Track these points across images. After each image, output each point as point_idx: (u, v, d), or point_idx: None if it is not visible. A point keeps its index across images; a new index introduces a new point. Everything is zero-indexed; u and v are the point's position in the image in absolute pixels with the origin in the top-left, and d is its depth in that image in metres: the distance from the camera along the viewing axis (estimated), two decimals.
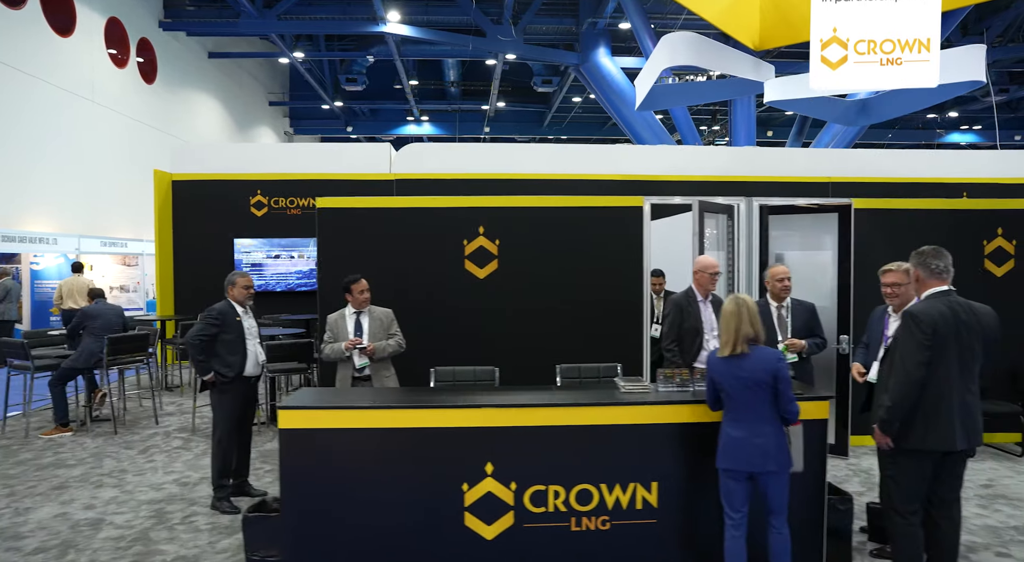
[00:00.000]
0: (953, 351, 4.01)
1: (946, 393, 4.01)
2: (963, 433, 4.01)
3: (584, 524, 4.45)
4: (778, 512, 4.04)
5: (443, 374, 6.04)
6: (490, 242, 7.29)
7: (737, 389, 4.00)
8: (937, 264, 4.17)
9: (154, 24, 20.93)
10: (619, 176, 12.16)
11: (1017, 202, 7.86)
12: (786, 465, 4.01)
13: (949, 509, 4.19)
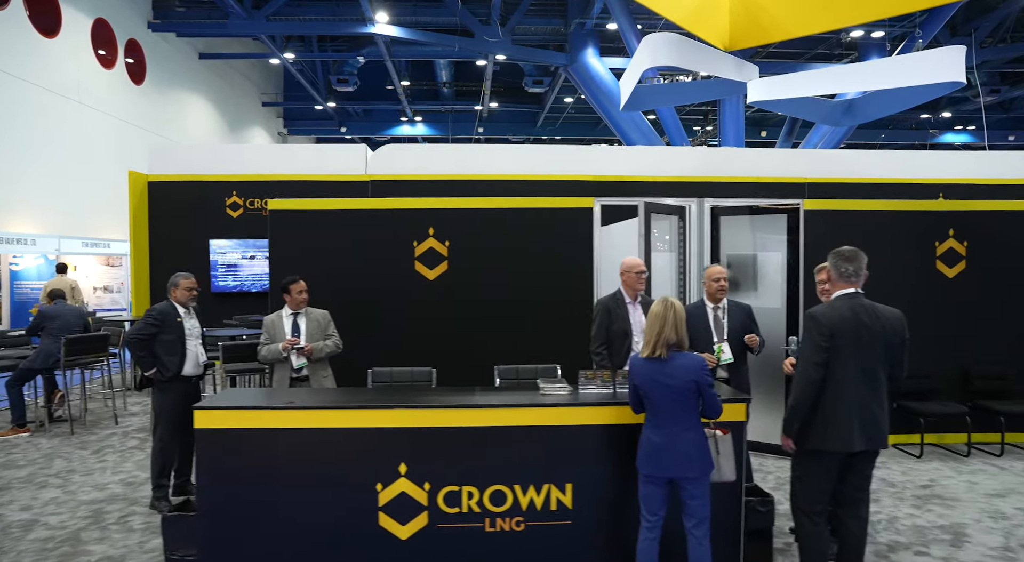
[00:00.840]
0: (852, 353, 4.03)
1: (844, 395, 4.04)
2: (862, 435, 4.03)
3: (498, 525, 4.48)
4: (700, 521, 4.02)
5: (380, 375, 6.09)
6: (440, 244, 7.33)
7: (659, 394, 3.99)
8: (847, 267, 4.20)
9: (143, 25, 20.97)
10: (595, 177, 12.14)
11: (969, 203, 7.89)
12: (707, 470, 4.01)
13: (855, 508, 4.22)
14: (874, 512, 5.61)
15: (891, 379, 4.21)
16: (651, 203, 6.90)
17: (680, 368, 3.97)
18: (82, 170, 17.29)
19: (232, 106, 27.31)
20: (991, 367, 7.61)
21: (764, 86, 13.75)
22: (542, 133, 33.71)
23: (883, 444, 4.14)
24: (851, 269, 4.19)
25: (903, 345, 4.17)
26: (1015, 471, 6.76)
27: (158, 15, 21.42)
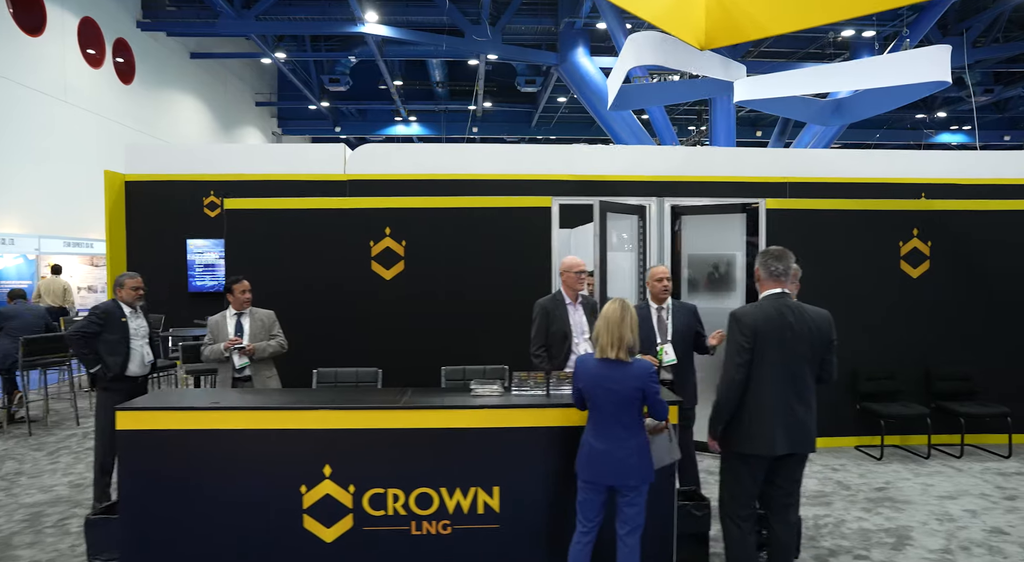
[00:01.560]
0: (775, 354, 3.95)
1: (767, 397, 3.95)
2: (786, 438, 3.95)
3: (425, 528, 4.43)
4: (634, 529, 3.95)
5: (325, 375, 6.05)
6: (396, 243, 7.28)
7: (603, 399, 3.89)
8: (776, 266, 4.12)
9: (132, 24, 20.96)
10: (574, 176, 12.05)
11: (932, 203, 7.81)
12: (647, 479, 3.93)
13: (784, 513, 4.14)
14: (823, 515, 5.57)
15: (819, 381, 4.13)
16: (607, 202, 6.84)
17: (627, 374, 3.87)
18: (68, 169, 17.28)
19: (225, 106, 27.31)
20: (955, 368, 7.52)
21: (750, 85, 13.69)
22: (537, 133, 33.65)
23: (809, 448, 4.06)
24: (780, 268, 4.12)
25: (830, 346, 4.10)
26: (972, 473, 6.69)
27: (147, 14, 21.42)
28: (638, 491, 3.90)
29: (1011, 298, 7.66)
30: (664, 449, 4.12)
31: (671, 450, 4.18)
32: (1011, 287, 7.65)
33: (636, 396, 3.83)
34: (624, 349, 3.85)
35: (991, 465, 6.93)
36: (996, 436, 7.42)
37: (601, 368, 3.89)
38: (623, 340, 3.85)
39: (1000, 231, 7.67)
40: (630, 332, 3.87)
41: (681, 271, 7.46)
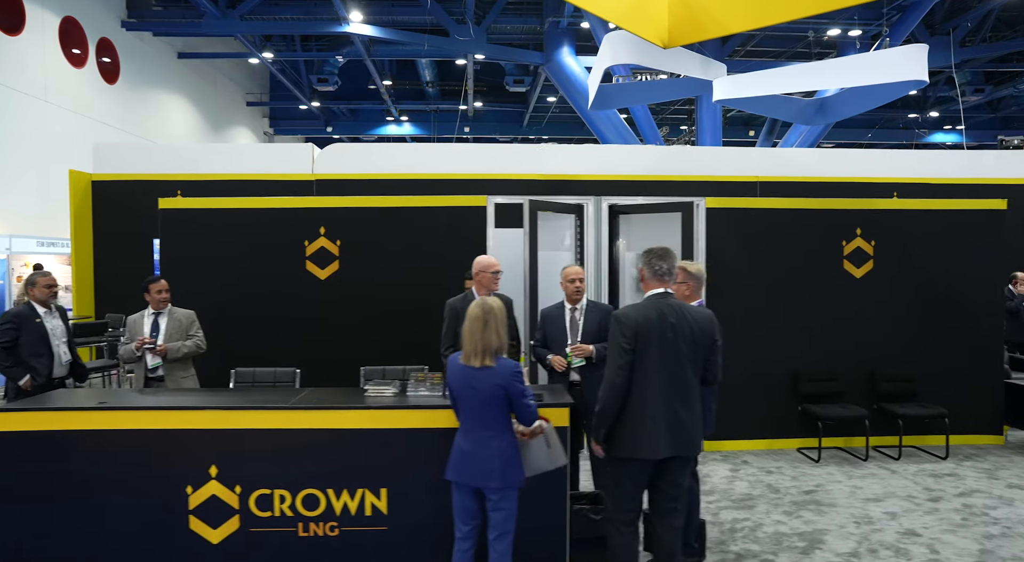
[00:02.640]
0: (656, 356, 3.86)
1: (650, 399, 3.86)
2: (669, 441, 3.86)
3: (312, 530, 4.39)
4: (502, 535, 3.86)
5: (243, 375, 6.00)
6: (331, 243, 7.24)
7: (469, 399, 3.83)
8: (660, 265, 4.04)
9: (116, 24, 20.96)
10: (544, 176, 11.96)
11: (876, 202, 7.73)
12: (513, 482, 3.84)
13: (668, 518, 4.05)
14: (742, 519, 5.51)
15: (704, 382, 4.06)
16: (537, 201, 6.77)
17: (491, 374, 3.79)
18: (49, 168, 17.27)
19: (214, 106, 27.29)
20: (898, 369, 7.43)
21: (729, 84, 13.63)
22: (529, 133, 33.58)
23: (692, 451, 3.99)
24: (665, 267, 4.04)
25: (714, 347, 4.03)
26: (905, 475, 6.61)
27: (132, 14, 21.42)
28: (503, 495, 3.82)
29: (954, 298, 7.58)
30: (541, 455, 4.02)
31: (551, 456, 4.06)
32: (954, 287, 7.57)
33: (499, 394, 3.76)
34: (489, 355, 3.78)
35: (927, 467, 6.86)
36: (939, 437, 7.32)
37: (466, 371, 3.83)
38: (487, 347, 3.77)
39: (943, 230, 7.59)
40: (495, 337, 3.79)
41: (621, 271, 7.38)
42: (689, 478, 4.64)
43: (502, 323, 3.83)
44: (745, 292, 7.41)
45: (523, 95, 29.44)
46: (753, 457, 7.16)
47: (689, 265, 4.83)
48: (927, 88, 27.96)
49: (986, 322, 7.62)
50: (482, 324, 3.77)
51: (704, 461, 7.02)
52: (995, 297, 7.66)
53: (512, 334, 5.69)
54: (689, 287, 4.79)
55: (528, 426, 3.88)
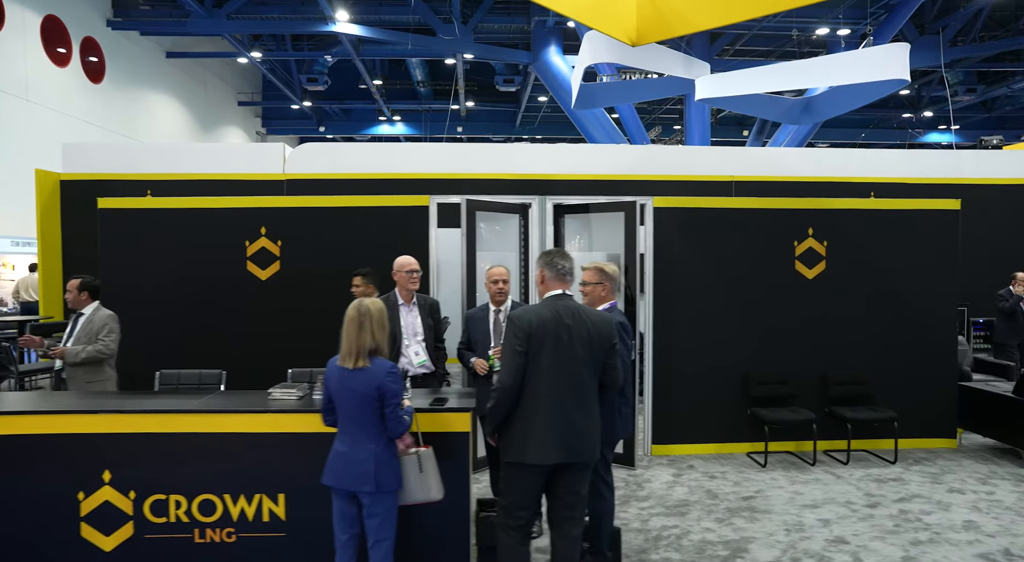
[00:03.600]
0: (551, 358, 3.78)
1: (542, 402, 3.77)
2: (562, 447, 3.76)
3: (208, 536, 4.29)
4: (378, 542, 3.79)
5: (167, 377, 5.91)
6: (272, 243, 7.15)
7: (347, 401, 3.75)
8: (562, 265, 3.97)
9: (101, 23, 20.91)
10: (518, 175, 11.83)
11: (827, 201, 7.60)
12: (388, 487, 3.76)
13: (564, 527, 3.94)
14: (671, 527, 5.40)
15: (603, 387, 3.96)
16: (474, 201, 6.66)
17: (367, 374, 3.73)
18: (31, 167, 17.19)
19: (204, 106, 27.24)
20: (850, 372, 7.31)
21: (712, 83, 13.50)
22: (523, 133, 33.48)
23: (587, 457, 3.87)
24: (568, 267, 3.97)
25: (612, 350, 3.92)
26: (850, 480, 6.48)
27: (118, 13, 21.37)
28: (378, 500, 3.73)
29: (908, 299, 7.45)
30: (414, 479, 3.88)
31: (423, 483, 3.90)
32: (908, 288, 7.44)
33: (374, 396, 3.69)
34: (363, 357, 3.73)
35: (873, 471, 6.72)
36: (891, 441, 7.19)
37: (343, 373, 3.75)
38: (361, 348, 3.74)
39: (897, 231, 7.45)
40: (370, 337, 3.74)
41: None
42: (602, 485, 4.56)
43: (379, 324, 3.76)
44: (695, 293, 7.29)
45: (515, 95, 29.35)
46: (700, 462, 7.04)
47: (605, 266, 4.71)
48: (921, 88, 27.81)
49: (940, 324, 7.49)
50: (357, 326, 3.73)
51: (649, 466, 6.91)
52: (950, 298, 7.51)
53: (437, 336, 5.61)
54: (605, 288, 4.67)
55: (395, 436, 3.77)
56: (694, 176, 12.25)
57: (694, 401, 7.27)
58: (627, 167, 12.26)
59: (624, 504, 5.88)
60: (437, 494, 4.01)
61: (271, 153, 12.67)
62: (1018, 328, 9.18)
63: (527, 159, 11.73)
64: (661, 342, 7.23)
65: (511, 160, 11.56)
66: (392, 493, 3.79)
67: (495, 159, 11.53)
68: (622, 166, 12.29)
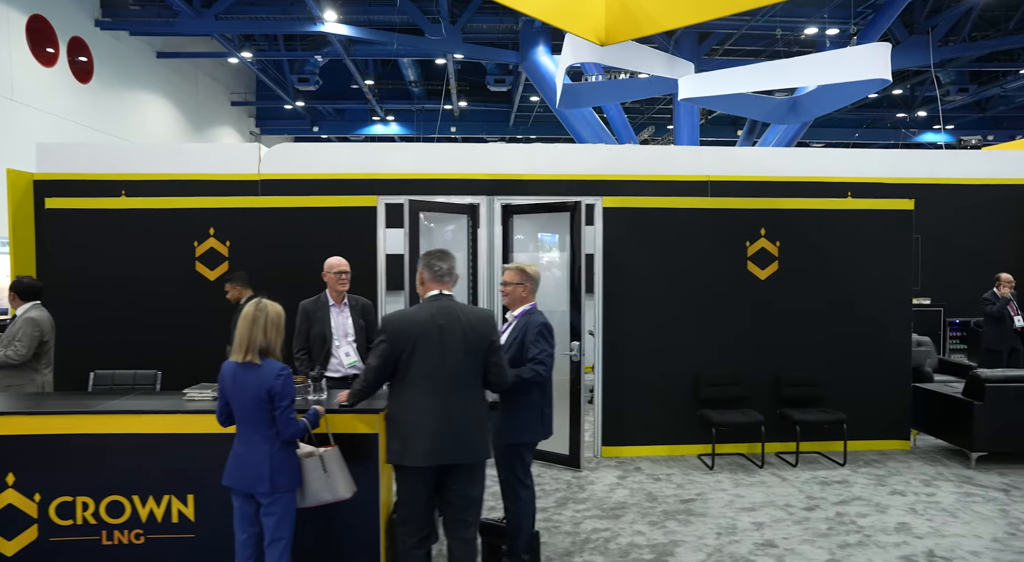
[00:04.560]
0: (425, 359, 3.77)
1: (415, 404, 3.77)
2: (435, 447, 3.74)
3: (116, 538, 4.27)
4: (274, 541, 3.77)
5: (102, 378, 5.90)
6: (220, 243, 7.13)
7: (240, 403, 3.75)
8: (440, 266, 3.94)
9: (89, 23, 20.92)
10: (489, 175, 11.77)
11: (779, 201, 7.55)
12: (284, 488, 3.75)
13: (459, 530, 3.92)
14: (602, 530, 5.37)
15: (488, 386, 3.92)
16: (417, 201, 6.63)
17: (258, 375, 3.72)
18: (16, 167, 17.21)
19: (196, 106, 27.25)
20: (803, 373, 7.26)
21: (695, 83, 13.44)
22: (517, 132, 33.44)
23: (469, 458, 3.82)
24: (445, 268, 3.94)
25: (491, 348, 3.88)
26: (795, 482, 6.43)
27: (107, 13, 21.38)
28: (274, 500, 3.72)
29: (862, 300, 7.40)
30: (318, 480, 3.88)
31: (329, 485, 3.91)
32: (862, 288, 7.39)
33: (265, 398, 3.68)
34: (253, 352, 3.71)
35: (820, 473, 6.67)
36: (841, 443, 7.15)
37: (238, 370, 3.74)
38: (252, 343, 3.72)
39: (851, 231, 7.41)
40: (262, 335, 3.72)
41: None
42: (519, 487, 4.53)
43: (273, 325, 3.75)
44: (646, 294, 7.26)
45: (508, 94, 29.32)
46: (649, 464, 7.00)
47: (526, 266, 4.69)
48: (914, 88, 27.68)
49: (894, 325, 7.43)
50: (251, 321, 3.73)
51: (596, 468, 6.87)
52: (903, 299, 7.45)
53: (369, 337, 5.58)
54: (526, 288, 4.64)
55: (286, 438, 3.74)
56: (669, 176, 12.15)
57: (645, 402, 7.23)
58: (599, 167, 12.19)
59: (561, 506, 5.85)
60: (345, 493, 4.01)
61: (246, 154, 12.61)
62: (1007, 333, 8.81)
63: (499, 159, 11.67)
64: (611, 343, 7.19)
65: (485, 160, 11.52)
66: (288, 493, 3.78)
67: (471, 159, 11.48)
68: (594, 166, 12.21)
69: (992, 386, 6.69)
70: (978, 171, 12.67)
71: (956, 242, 12.40)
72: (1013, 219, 12.31)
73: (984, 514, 5.66)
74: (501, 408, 4.50)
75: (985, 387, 6.70)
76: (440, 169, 11.65)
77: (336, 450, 3.98)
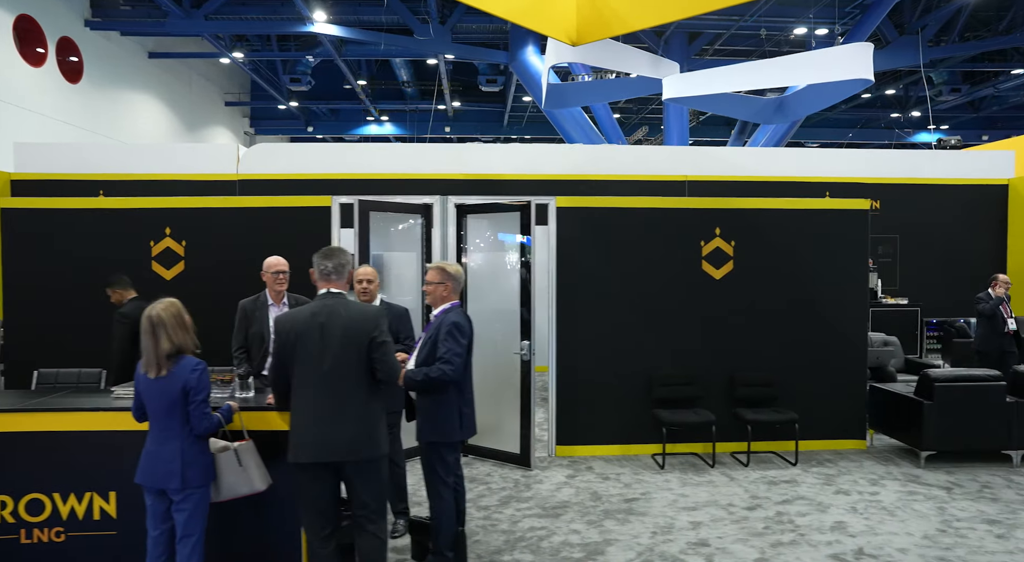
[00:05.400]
0: (308, 358, 3.81)
1: (300, 401, 3.83)
2: (316, 445, 3.78)
3: (36, 536, 4.30)
4: (185, 537, 3.79)
5: (45, 376, 5.95)
6: (177, 243, 7.16)
7: (154, 402, 3.77)
8: (326, 265, 3.97)
9: (79, 23, 21.00)
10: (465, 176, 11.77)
11: (734, 201, 7.55)
12: (195, 484, 3.77)
13: (362, 526, 3.94)
14: (538, 528, 5.38)
15: (381, 383, 3.94)
16: (367, 201, 6.65)
17: (172, 377, 3.74)
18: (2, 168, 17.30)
19: (189, 106, 27.32)
20: (758, 373, 7.26)
21: (678, 83, 13.44)
22: (511, 132, 33.47)
23: (351, 456, 3.82)
24: (331, 266, 3.96)
25: (372, 345, 3.86)
26: (743, 482, 6.44)
27: (97, 14, 21.45)
28: (185, 497, 3.75)
29: (818, 300, 7.40)
30: (233, 474, 3.92)
31: (248, 478, 3.97)
32: (818, 288, 7.40)
33: (179, 396, 3.70)
34: (163, 366, 3.75)
35: (770, 473, 6.68)
36: (804, 442, 7.17)
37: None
38: (160, 357, 3.75)
39: (807, 230, 7.41)
40: (168, 343, 3.75)
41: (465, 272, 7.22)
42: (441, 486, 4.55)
43: (173, 328, 3.77)
44: (600, 293, 7.27)
45: (501, 95, 29.33)
46: (602, 463, 7.01)
47: (448, 266, 4.71)
48: (908, 87, 27.62)
49: (851, 324, 7.43)
50: (151, 337, 3.75)
51: (548, 467, 6.88)
52: (860, 298, 7.45)
53: None
54: (447, 288, 4.66)
55: (199, 433, 3.77)
56: (647, 176, 12.20)
57: (599, 402, 7.25)
58: (577, 167, 12.22)
59: (504, 505, 5.87)
60: (261, 485, 4.06)
61: (225, 154, 12.68)
62: (998, 334, 8.49)
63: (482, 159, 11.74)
64: (565, 342, 7.21)
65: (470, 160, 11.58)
66: (200, 489, 3.80)
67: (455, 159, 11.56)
68: (572, 166, 12.25)
69: (941, 386, 6.69)
70: (955, 171, 12.68)
71: (933, 242, 12.42)
72: (990, 219, 12.33)
73: (921, 512, 5.67)
74: (419, 408, 4.54)
75: (935, 387, 6.70)
76: (424, 169, 11.71)
77: (251, 444, 4.02)
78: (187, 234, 7.17)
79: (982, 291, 8.62)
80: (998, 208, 12.53)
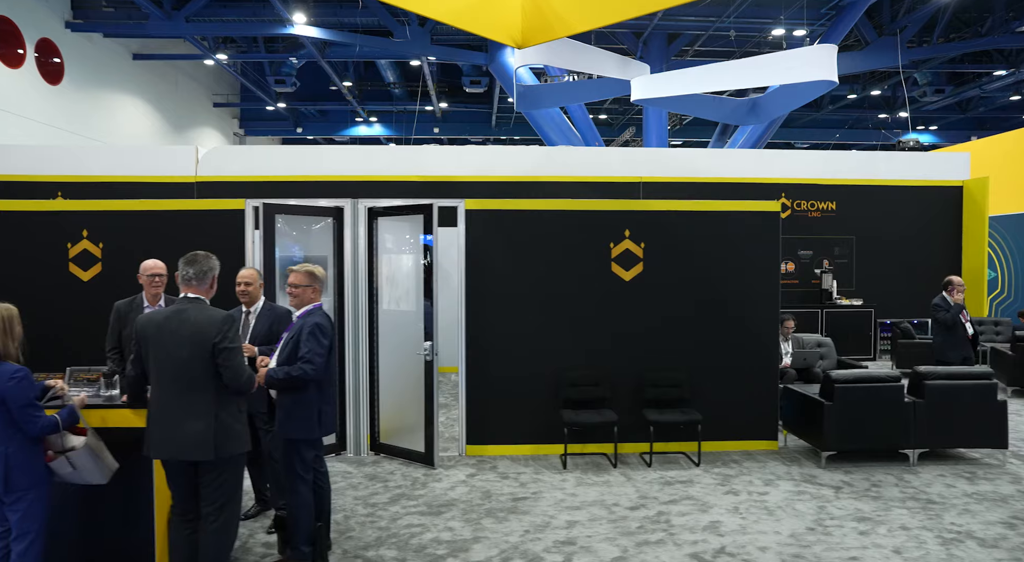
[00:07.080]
0: (158, 359, 4.02)
1: (152, 399, 4.06)
2: (163, 442, 3.99)
3: None
4: (19, 536, 3.87)
5: None
6: (94, 246, 7.27)
7: None
8: (187, 270, 4.12)
9: (59, 25, 21.16)
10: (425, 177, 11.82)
11: (643, 203, 7.63)
12: (24, 487, 3.85)
13: (205, 521, 4.08)
14: (416, 525, 5.47)
15: (227, 387, 4.03)
16: (272, 205, 6.74)
17: None
18: None
19: (176, 107, 27.48)
20: (666, 374, 7.31)
21: (646, 84, 13.50)
22: (500, 133, 33.53)
23: (193, 455, 3.96)
24: (191, 273, 4.11)
25: (215, 351, 3.98)
26: (640, 482, 6.48)
27: (78, 15, 21.62)
28: (16, 499, 3.84)
29: (730, 301, 7.44)
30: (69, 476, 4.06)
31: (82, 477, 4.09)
32: (730, 290, 7.43)
33: None
34: None
35: (671, 474, 6.72)
36: (716, 444, 7.26)
37: None
38: None
39: (718, 232, 7.44)
40: None
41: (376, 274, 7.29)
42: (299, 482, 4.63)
43: (6, 330, 3.83)
44: (509, 295, 7.33)
45: (488, 96, 29.40)
46: (508, 463, 7.07)
47: (314, 269, 4.82)
48: (894, 88, 27.54)
49: (762, 325, 7.46)
50: None
51: (453, 466, 6.95)
52: (771, 300, 7.48)
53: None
54: (315, 290, 4.78)
55: (33, 436, 3.85)
56: (602, 178, 12.26)
57: (509, 402, 7.30)
58: (532, 169, 12.28)
59: (392, 503, 5.94)
60: (101, 480, 4.18)
61: (183, 156, 12.80)
62: (959, 342, 8.03)
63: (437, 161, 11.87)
64: (475, 343, 7.28)
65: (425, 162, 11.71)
66: (31, 491, 3.87)
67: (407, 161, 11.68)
68: (527, 167, 12.31)
69: (841, 386, 6.74)
70: (912, 173, 12.70)
71: (888, 243, 12.45)
72: (945, 220, 12.36)
73: (800, 511, 5.72)
74: (279, 405, 4.64)
75: (835, 387, 6.74)
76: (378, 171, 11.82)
77: (88, 445, 4.09)
78: (104, 236, 7.26)
79: (937, 296, 8.13)
80: (953, 210, 12.55)
